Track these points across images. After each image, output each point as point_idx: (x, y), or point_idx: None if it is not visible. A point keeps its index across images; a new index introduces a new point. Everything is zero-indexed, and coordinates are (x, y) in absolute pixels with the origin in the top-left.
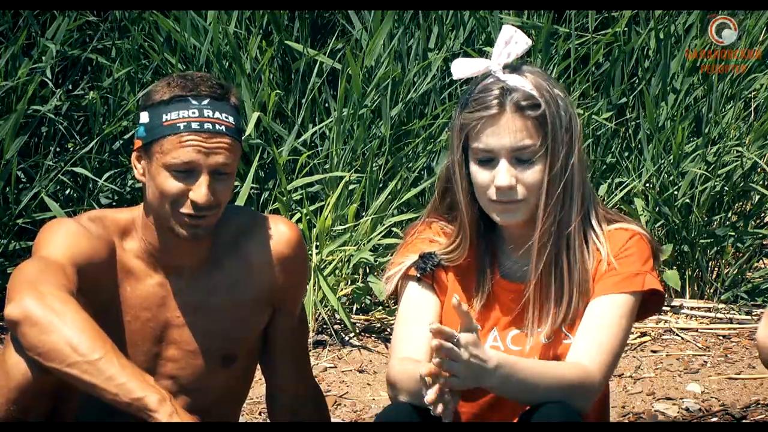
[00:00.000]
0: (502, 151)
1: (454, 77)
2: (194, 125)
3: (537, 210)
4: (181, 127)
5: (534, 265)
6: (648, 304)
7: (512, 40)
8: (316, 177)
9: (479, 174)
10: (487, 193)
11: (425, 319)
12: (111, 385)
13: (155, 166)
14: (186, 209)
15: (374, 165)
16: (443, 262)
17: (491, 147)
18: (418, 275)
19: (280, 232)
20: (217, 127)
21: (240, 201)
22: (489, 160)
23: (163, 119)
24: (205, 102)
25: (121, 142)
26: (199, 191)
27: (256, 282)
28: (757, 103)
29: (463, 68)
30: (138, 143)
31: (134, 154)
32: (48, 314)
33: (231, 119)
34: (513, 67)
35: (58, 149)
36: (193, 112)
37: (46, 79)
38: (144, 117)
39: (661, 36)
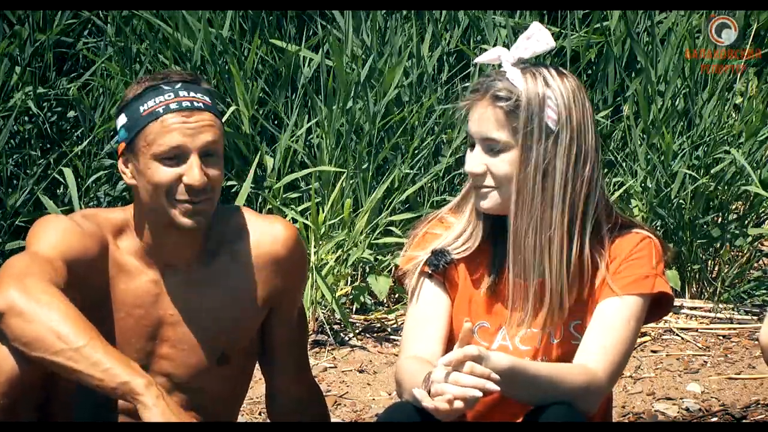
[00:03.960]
0: (475, 137)
1: (475, 61)
2: (173, 105)
3: (510, 207)
4: (161, 111)
5: (510, 264)
6: (656, 307)
7: (534, 37)
8: (304, 172)
9: (466, 157)
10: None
11: (435, 318)
12: (96, 371)
13: (143, 161)
14: (181, 195)
15: (364, 162)
16: (455, 255)
17: (470, 132)
18: (430, 271)
19: (276, 232)
20: (195, 104)
21: (239, 201)
22: (472, 144)
23: (141, 111)
24: (178, 86)
25: (110, 144)
26: (192, 174)
27: (250, 282)
28: (746, 101)
29: (483, 55)
30: (121, 147)
31: (120, 160)
32: (31, 304)
33: (207, 98)
34: (529, 63)
35: (48, 146)
36: (169, 95)
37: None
38: (122, 119)
39: (641, 36)
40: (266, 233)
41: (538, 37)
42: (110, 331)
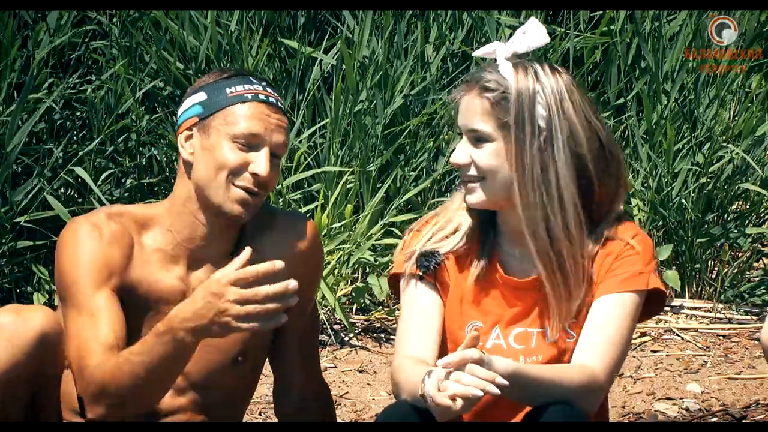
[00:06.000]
0: (461, 128)
1: (473, 54)
2: (261, 96)
3: (515, 206)
4: (249, 97)
5: (535, 262)
6: (649, 304)
7: (530, 32)
8: (311, 172)
9: (455, 147)
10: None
11: (429, 319)
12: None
13: (215, 138)
14: (243, 182)
15: (370, 164)
16: (444, 251)
17: (458, 123)
18: (421, 273)
19: (297, 227)
20: (279, 104)
21: None
22: (461, 135)
23: (227, 92)
24: (264, 83)
25: (119, 143)
26: (261, 164)
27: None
28: (744, 99)
29: (480, 49)
30: (191, 122)
31: (184, 134)
32: (114, 391)
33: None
34: (525, 58)
35: (57, 144)
36: (258, 87)
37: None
38: (199, 96)
39: (648, 37)
40: (289, 228)
41: (533, 32)
42: (138, 327)
